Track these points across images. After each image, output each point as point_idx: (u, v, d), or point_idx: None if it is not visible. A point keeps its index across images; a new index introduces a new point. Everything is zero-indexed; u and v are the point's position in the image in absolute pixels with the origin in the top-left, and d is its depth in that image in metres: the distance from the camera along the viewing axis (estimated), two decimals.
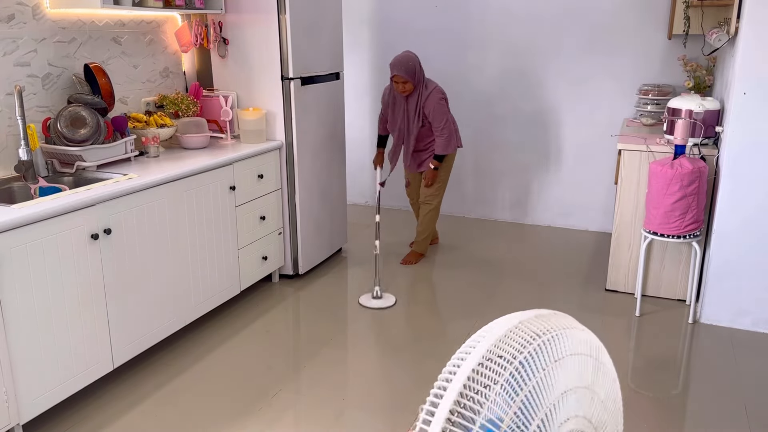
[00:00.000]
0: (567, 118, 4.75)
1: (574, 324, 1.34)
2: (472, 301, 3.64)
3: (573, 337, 1.30)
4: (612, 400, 1.36)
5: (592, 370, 1.31)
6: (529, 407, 1.19)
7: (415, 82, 3.86)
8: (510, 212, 5.12)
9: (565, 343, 1.27)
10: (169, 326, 3.00)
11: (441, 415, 1.16)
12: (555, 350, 1.25)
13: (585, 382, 1.28)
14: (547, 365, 1.23)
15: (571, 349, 1.28)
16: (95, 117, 2.93)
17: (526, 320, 1.28)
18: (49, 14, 2.94)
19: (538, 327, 1.28)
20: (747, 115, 3.12)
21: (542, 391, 1.22)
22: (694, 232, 3.25)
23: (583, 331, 1.34)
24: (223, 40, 3.69)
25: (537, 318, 1.30)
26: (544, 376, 1.22)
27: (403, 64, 3.81)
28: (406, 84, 3.85)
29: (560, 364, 1.25)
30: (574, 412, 1.26)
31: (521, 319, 1.28)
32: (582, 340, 1.31)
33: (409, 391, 2.76)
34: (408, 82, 3.84)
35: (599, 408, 1.32)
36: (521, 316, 1.29)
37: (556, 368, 1.24)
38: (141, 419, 2.57)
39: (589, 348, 1.32)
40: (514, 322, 1.27)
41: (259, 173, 3.51)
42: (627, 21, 4.42)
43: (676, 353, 3.08)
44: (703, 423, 2.55)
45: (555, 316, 1.33)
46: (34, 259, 2.30)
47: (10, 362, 2.26)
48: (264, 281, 3.88)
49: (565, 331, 1.29)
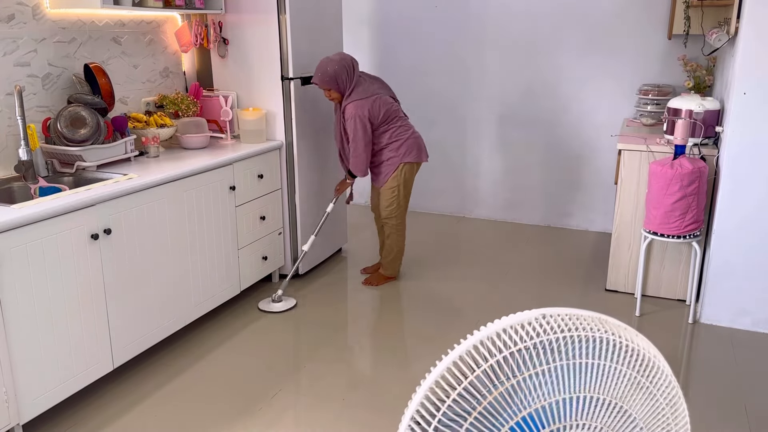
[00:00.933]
0: (567, 117, 4.75)
1: (617, 330, 1.29)
2: (473, 302, 3.64)
3: (604, 341, 1.26)
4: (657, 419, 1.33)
5: (628, 385, 1.27)
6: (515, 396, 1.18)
7: (339, 90, 3.46)
8: (509, 212, 5.12)
9: (587, 347, 1.25)
10: (169, 326, 3.00)
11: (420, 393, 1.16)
12: (571, 350, 1.23)
13: (610, 394, 1.26)
14: (551, 363, 1.22)
15: (596, 355, 1.25)
16: (95, 117, 2.93)
17: (550, 314, 1.25)
18: (49, 14, 2.94)
19: (563, 324, 1.25)
20: (747, 115, 3.12)
21: (539, 386, 1.21)
22: (694, 232, 3.25)
23: (626, 340, 1.29)
24: (223, 40, 3.69)
25: (568, 317, 1.27)
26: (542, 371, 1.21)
27: (320, 70, 3.42)
28: (329, 92, 3.48)
29: (571, 366, 1.23)
30: (586, 421, 1.24)
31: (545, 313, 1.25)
32: (622, 349, 1.27)
33: (410, 391, 2.76)
34: (329, 90, 3.47)
35: (630, 424, 1.29)
36: (547, 311, 1.26)
37: (564, 368, 1.22)
38: (141, 419, 2.57)
39: (627, 360, 1.27)
40: (535, 314, 1.24)
41: (259, 173, 3.51)
42: (627, 21, 4.42)
43: (676, 353, 3.08)
44: (703, 423, 2.55)
45: (598, 321, 1.29)
46: (34, 259, 2.30)
47: (10, 362, 2.26)
48: (264, 281, 3.88)
49: (592, 333, 1.25)
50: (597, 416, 1.26)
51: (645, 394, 1.30)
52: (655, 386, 1.30)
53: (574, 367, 1.23)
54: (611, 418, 1.28)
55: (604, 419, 1.27)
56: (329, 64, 3.42)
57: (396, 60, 5.15)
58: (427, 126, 5.17)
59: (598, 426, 1.27)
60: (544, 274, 4.04)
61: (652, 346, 1.33)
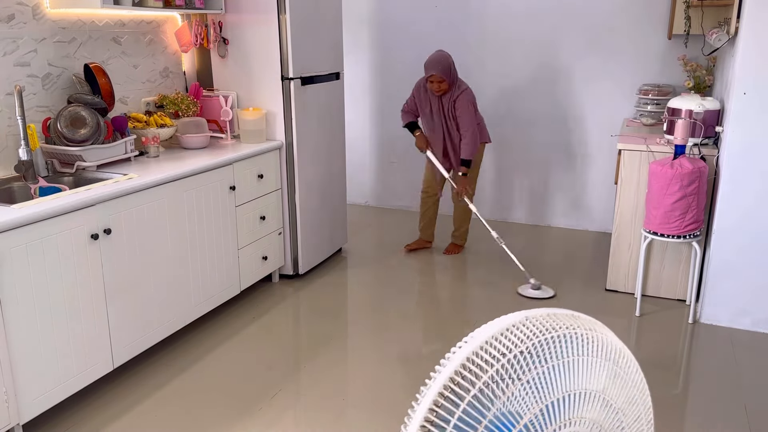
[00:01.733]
0: (567, 117, 4.75)
1: (590, 325, 1.33)
2: (473, 302, 3.64)
3: (583, 338, 1.29)
4: (633, 407, 1.35)
5: (608, 375, 1.29)
6: (521, 401, 1.19)
7: (450, 81, 3.91)
8: (509, 212, 5.12)
9: (572, 344, 1.27)
10: (169, 326, 3.00)
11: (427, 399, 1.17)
12: (558, 349, 1.25)
13: (595, 386, 1.27)
14: (546, 363, 1.23)
15: (580, 351, 1.27)
16: (95, 117, 2.93)
17: (533, 317, 1.27)
18: (49, 14, 2.94)
19: (547, 324, 1.27)
20: (747, 115, 3.12)
21: (539, 387, 1.21)
22: (694, 232, 3.25)
23: (599, 333, 1.32)
24: (223, 40, 3.69)
25: (548, 316, 1.29)
26: (541, 372, 1.22)
27: (440, 63, 3.87)
28: (441, 83, 3.90)
29: (564, 364, 1.24)
30: (580, 416, 1.25)
31: (528, 315, 1.27)
32: (598, 343, 1.30)
33: (410, 391, 2.76)
34: (444, 81, 3.89)
35: (612, 414, 1.31)
36: (529, 313, 1.28)
37: (557, 367, 1.23)
38: (141, 419, 2.57)
39: (604, 352, 1.30)
40: (519, 317, 1.26)
41: (259, 173, 3.51)
42: (627, 21, 4.42)
43: (676, 353, 3.08)
44: (703, 423, 2.55)
45: (572, 317, 1.32)
46: (34, 259, 2.30)
47: (10, 362, 2.26)
48: (264, 281, 3.88)
49: (573, 330, 1.28)
50: (586, 412, 1.27)
51: (620, 382, 1.32)
52: (627, 374, 1.32)
53: (564, 366, 1.25)
54: (598, 413, 1.29)
55: (592, 414, 1.28)
56: (444, 58, 3.89)
57: (396, 60, 5.15)
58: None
59: (586, 419, 1.27)
60: (545, 274, 4.04)
61: (611, 333, 1.37)
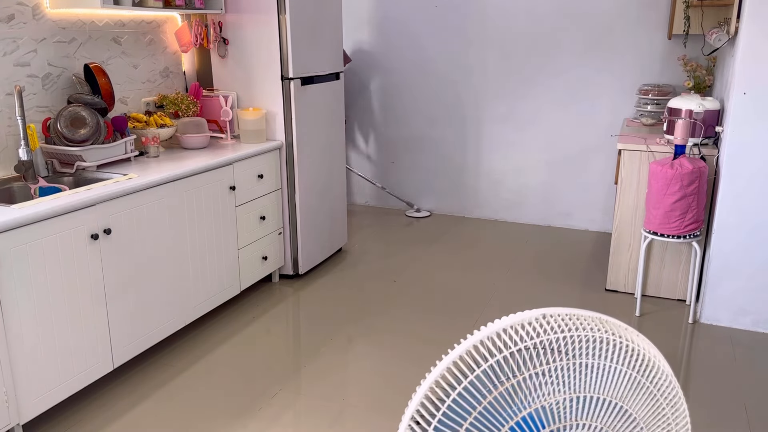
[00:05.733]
0: (567, 117, 4.75)
1: (616, 330, 1.30)
2: (473, 302, 3.64)
3: (602, 341, 1.27)
4: (658, 420, 1.33)
5: (629, 385, 1.28)
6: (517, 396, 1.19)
7: None
8: (509, 212, 5.12)
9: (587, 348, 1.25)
10: (169, 326, 3.00)
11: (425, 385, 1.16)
12: (577, 350, 1.23)
13: (610, 394, 1.26)
14: (551, 363, 1.23)
15: (595, 355, 1.25)
16: (95, 117, 2.93)
17: (549, 314, 1.26)
18: (49, 14, 2.94)
19: (562, 323, 1.26)
20: (747, 115, 3.12)
21: (540, 386, 1.21)
22: (694, 232, 3.25)
23: (624, 339, 1.29)
24: (223, 40, 3.69)
25: (567, 316, 1.27)
26: (543, 371, 1.21)
27: None
28: None
29: (572, 366, 1.23)
30: (587, 421, 1.25)
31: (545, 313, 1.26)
32: (619, 348, 1.28)
33: (410, 391, 2.76)
34: None
35: (631, 425, 1.30)
36: (547, 311, 1.26)
37: (565, 368, 1.23)
38: (141, 419, 2.57)
39: (627, 360, 1.28)
40: (535, 314, 1.25)
41: (259, 173, 3.51)
42: (627, 21, 4.43)
43: (676, 353, 3.08)
44: (703, 423, 2.55)
45: (598, 320, 1.30)
46: (34, 259, 2.30)
47: (10, 362, 2.26)
48: (264, 281, 3.88)
49: (592, 334, 1.26)
50: (597, 416, 1.26)
51: (646, 394, 1.30)
52: (656, 387, 1.30)
53: (574, 367, 1.24)
54: (612, 418, 1.28)
55: (605, 419, 1.27)
56: None
57: (396, 60, 5.15)
58: (427, 126, 5.17)
59: (598, 426, 1.27)
60: (544, 274, 4.04)
61: (652, 347, 1.33)
